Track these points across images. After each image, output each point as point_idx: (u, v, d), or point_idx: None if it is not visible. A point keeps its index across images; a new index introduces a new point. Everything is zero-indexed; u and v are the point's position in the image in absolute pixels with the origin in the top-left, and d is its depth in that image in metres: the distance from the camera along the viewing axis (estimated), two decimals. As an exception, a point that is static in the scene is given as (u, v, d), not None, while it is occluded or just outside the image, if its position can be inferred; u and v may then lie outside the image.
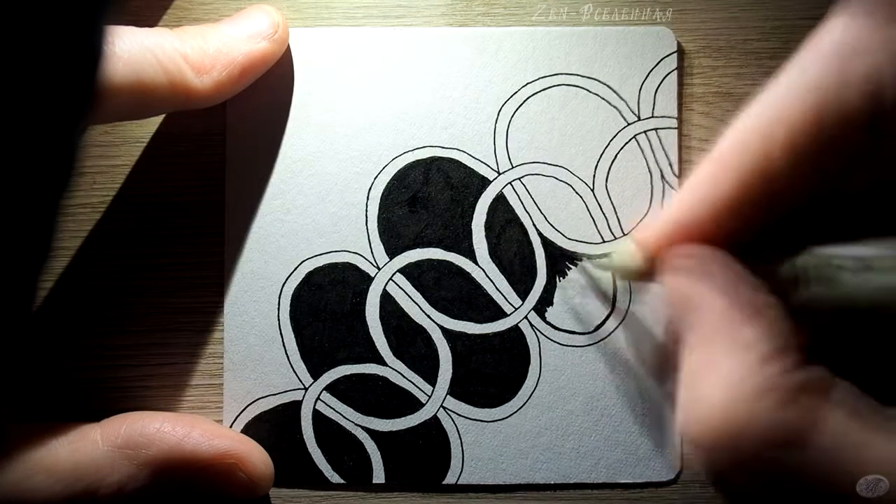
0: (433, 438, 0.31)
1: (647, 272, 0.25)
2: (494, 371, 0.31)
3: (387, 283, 0.31)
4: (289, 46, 0.31)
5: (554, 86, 0.31)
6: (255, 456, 0.30)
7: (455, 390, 0.31)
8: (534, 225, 0.31)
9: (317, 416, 0.31)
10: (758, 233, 0.23)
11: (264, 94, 0.31)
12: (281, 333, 0.31)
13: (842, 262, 0.22)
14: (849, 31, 0.21)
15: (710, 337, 0.21)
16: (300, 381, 0.31)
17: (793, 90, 0.21)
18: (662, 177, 0.31)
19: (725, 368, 0.20)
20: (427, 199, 0.31)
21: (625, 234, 0.31)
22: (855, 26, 0.21)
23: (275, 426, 0.31)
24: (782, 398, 0.20)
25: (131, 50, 0.27)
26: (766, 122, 0.21)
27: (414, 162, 0.31)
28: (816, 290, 0.22)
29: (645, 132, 0.31)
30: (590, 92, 0.31)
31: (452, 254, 0.31)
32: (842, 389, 0.20)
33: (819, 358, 0.21)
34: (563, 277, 0.31)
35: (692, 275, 0.22)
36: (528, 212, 0.31)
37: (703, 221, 0.22)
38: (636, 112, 0.31)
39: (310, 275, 0.31)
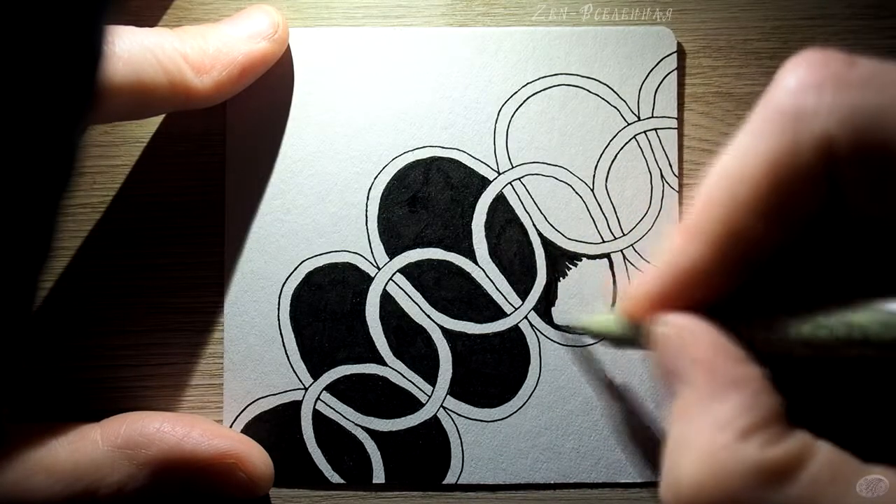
0: (433, 438, 0.31)
1: (631, 340, 0.25)
2: (494, 371, 0.31)
3: (387, 283, 0.31)
4: (289, 46, 0.31)
5: (554, 86, 0.31)
6: (255, 456, 0.30)
7: (455, 390, 0.31)
8: (534, 225, 0.31)
9: (317, 416, 0.31)
10: (739, 285, 0.23)
11: (264, 94, 0.31)
12: (281, 333, 0.31)
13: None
14: (799, 95, 0.21)
15: (688, 412, 0.21)
16: (300, 381, 0.31)
17: (751, 151, 0.22)
18: (662, 177, 0.31)
19: (702, 447, 0.20)
20: (427, 199, 0.31)
21: (624, 234, 0.31)
22: (804, 90, 0.21)
23: (275, 426, 0.31)
24: (763, 443, 0.20)
25: (131, 50, 0.27)
26: (728, 184, 0.22)
27: (414, 162, 0.31)
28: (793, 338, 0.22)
29: (645, 132, 0.31)
30: (590, 92, 0.31)
31: (452, 254, 0.31)
32: (822, 455, 0.20)
33: (804, 408, 0.21)
34: (564, 278, 0.31)
35: (672, 348, 0.23)
36: (528, 212, 0.31)
37: (680, 289, 0.23)
38: (636, 112, 0.31)
39: (310, 275, 0.31)
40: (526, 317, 0.31)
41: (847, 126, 0.21)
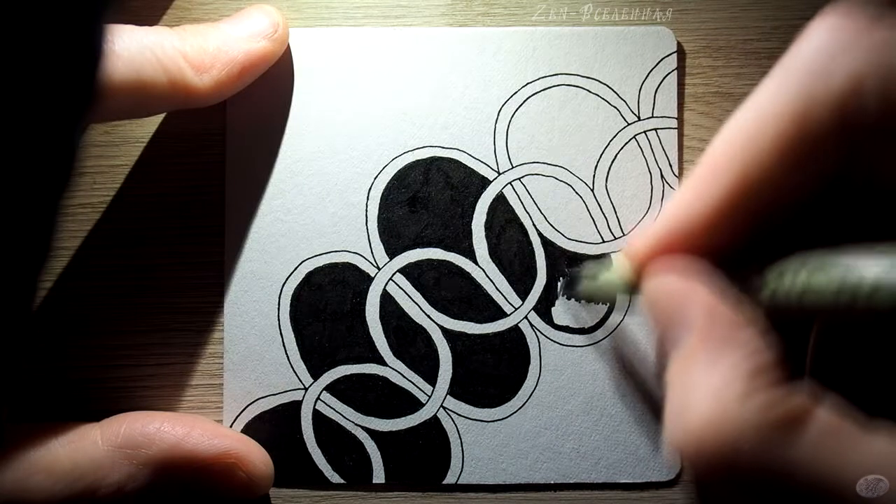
0: (433, 438, 0.31)
1: (635, 286, 0.24)
2: (494, 371, 0.31)
3: (387, 283, 0.31)
4: (289, 46, 0.31)
5: (554, 86, 0.31)
6: (255, 455, 0.30)
7: (455, 390, 0.31)
8: (534, 225, 0.31)
9: (317, 416, 0.31)
10: (747, 244, 0.23)
11: (264, 94, 0.31)
12: (281, 333, 0.31)
13: (798, 265, 0.22)
14: (833, 33, 0.21)
15: (691, 355, 0.21)
16: (300, 381, 0.31)
17: (778, 90, 0.21)
18: (662, 177, 0.31)
19: (708, 383, 0.20)
20: (427, 199, 0.31)
21: (624, 234, 0.31)
22: (839, 28, 0.21)
23: (275, 426, 0.31)
24: (768, 401, 0.20)
25: (131, 48, 0.27)
26: (753, 124, 0.22)
27: (414, 162, 0.31)
28: (773, 291, 0.22)
29: (645, 132, 0.31)
30: (590, 92, 0.31)
31: (452, 254, 0.31)
32: (828, 400, 0.20)
33: (803, 371, 0.21)
34: (563, 278, 0.31)
35: (673, 289, 0.22)
36: (527, 212, 0.31)
37: (693, 230, 0.22)
38: (636, 112, 0.31)
39: (310, 275, 0.31)
40: (526, 317, 0.31)
41: (866, 85, 0.20)
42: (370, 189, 0.31)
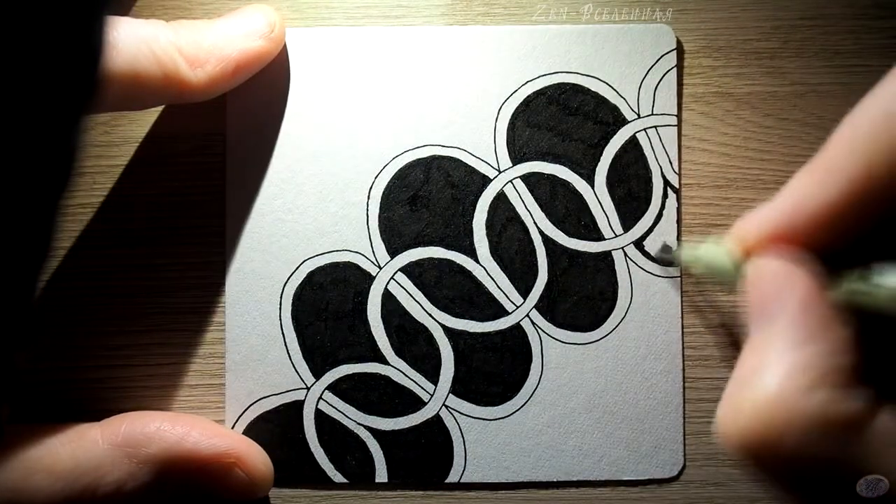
0: (435, 437, 0.31)
1: (733, 275, 0.24)
2: (496, 369, 0.31)
3: (388, 282, 0.31)
4: (289, 46, 0.31)
5: (554, 84, 0.31)
6: (255, 456, 0.30)
7: (457, 389, 0.31)
8: (534, 223, 0.31)
9: (319, 415, 0.31)
10: (856, 240, 0.22)
11: (265, 94, 0.31)
12: (283, 333, 0.31)
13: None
14: None
15: (767, 348, 0.21)
16: (302, 380, 0.31)
17: None
18: (662, 174, 0.31)
19: (785, 364, 0.20)
20: (428, 198, 0.31)
21: (625, 232, 0.31)
22: None
23: (277, 426, 0.31)
24: (833, 398, 0.20)
25: (126, 40, 0.27)
26: (877, 119, 0.21)
27: (414, 161, 0.31)
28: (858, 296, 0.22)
29: (645, 129, 0.31)
30: (589, 90, 0.31)
31: (453, 252, 0.31)
32: (886, 416, 0.20)
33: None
34: (563, 272, 0.31)
35: (776, 272, 0.22)
36: (528, 210, 0.31)
37: (805, 226, 0.22)
38: (636, 110, 0.31)
39: (311, 274, 0.31)
40: (527, 315, 0.31)
41: None
42: (371, 188, 0.31)
